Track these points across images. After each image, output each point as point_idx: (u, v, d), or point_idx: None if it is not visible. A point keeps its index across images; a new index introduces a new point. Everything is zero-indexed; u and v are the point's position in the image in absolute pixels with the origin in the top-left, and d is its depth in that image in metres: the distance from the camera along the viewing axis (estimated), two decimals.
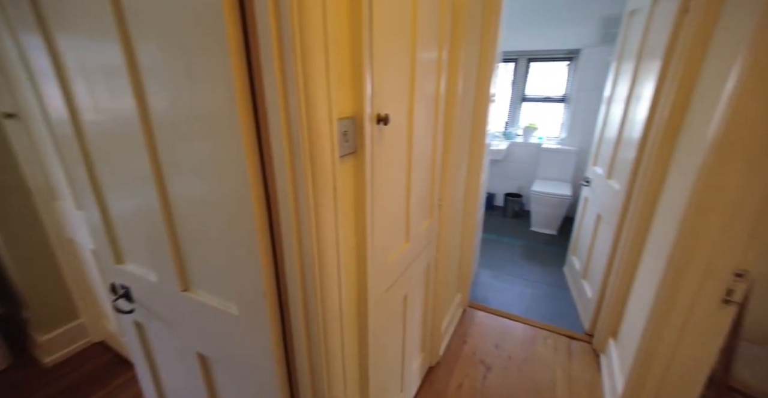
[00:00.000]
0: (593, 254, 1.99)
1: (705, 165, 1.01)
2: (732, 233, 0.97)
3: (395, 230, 1.00)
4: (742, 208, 0.95)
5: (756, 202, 0.93)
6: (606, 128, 2.08)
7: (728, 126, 0.94)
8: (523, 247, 2.95)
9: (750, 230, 0.95)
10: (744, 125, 0.92)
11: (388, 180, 0.89)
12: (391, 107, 0.84)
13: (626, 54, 1.93)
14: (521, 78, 3.54)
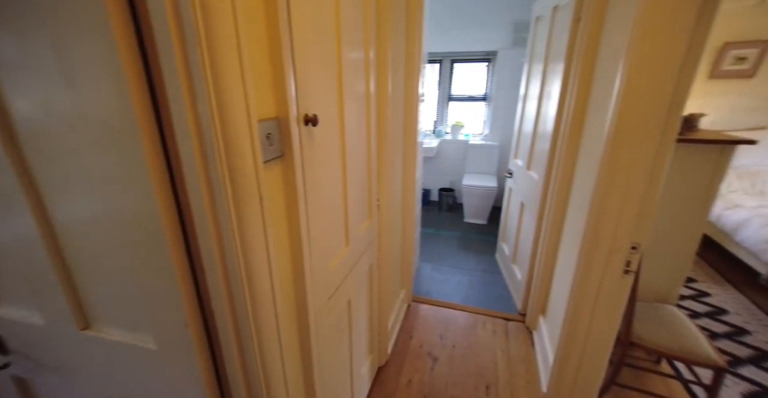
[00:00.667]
0: (520, 239, 2.17)
1: (603, 154, 1.15)
2: (626, 213, 1.12)
3: (334, 234, 0.96)
4: (632, 191, 1.09)
5: (641, 185, 1.08)
6: (523, 124, 2.28)
7: (618, 120, 1.08)
8: (458, 238, 3.11)
9: (638, 210, 1.10)
10: (629, 119, 1.05)
11: (322, 183, 0.85)
12: (320, 107, 0.80)
13: (536, 56, 2.13)
14: (446, 78, 3.72)
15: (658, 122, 1.02)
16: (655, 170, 1.06)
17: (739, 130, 3.06)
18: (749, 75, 3.00)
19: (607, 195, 1.13)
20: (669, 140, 1.04)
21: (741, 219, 2.44)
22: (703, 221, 1.62)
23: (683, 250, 1.68)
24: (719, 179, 1.56)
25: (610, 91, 1.15)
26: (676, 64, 0.97)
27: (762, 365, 1.76)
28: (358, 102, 1.07)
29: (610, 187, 1.12)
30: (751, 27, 2.90)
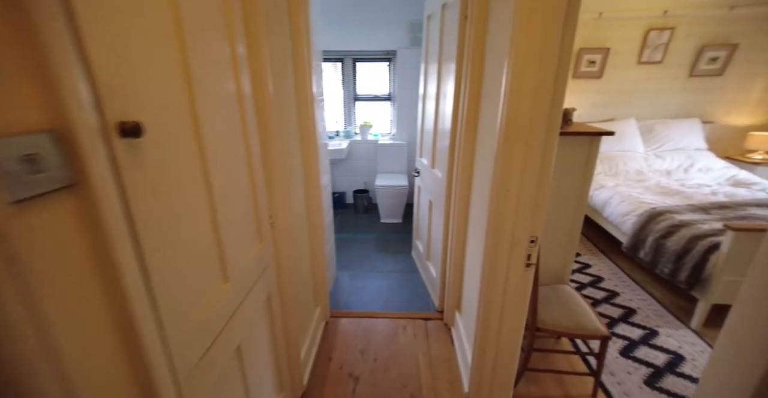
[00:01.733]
0: (432, 236, 2.19)
1: (497, 153, 1.16)
2: (522, 209, 1.15)
3: (202, 274, 0.75)
4: (526, 187, 1.12)
5: (534, 181, 1.12)
6: (425, 123, 2.30)
7: (507, 119, 1.09)
8: (376, 240, 3.05)
9: (533, 205, 1.14)
10: (518, 117, 1.07)
11: (171, 214, 0.64)
12: (154, 112, 0.59)
13: (430, 56, 2.15)
14: (350, 78, 3.62)
15: (543, 118, 1.06)
16: (544, 165, 1.10)
17: (596, 121, 3.62)
18: (598, 76, 3.57)
19: (504, 192, 1.15)
20: (553, 135, 1.08)
21: (605, 198, 2.88)
22: (584, 204, 1.82)
23: (571, 232, 1.87)
24: (593, 165, 1.76)
25: (498, 91, 1.16)
26: (553, 64, 1.01)
27: (628, 320, 2.07)
28: (227, 105, 0.87)
29: (506, 184, 1.13)
30: (596, 36, 3.45)
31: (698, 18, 3.34)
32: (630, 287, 2.40)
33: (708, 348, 1.86)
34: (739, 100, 3.62)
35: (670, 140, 3.46)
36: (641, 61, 3.51)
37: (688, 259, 2.02)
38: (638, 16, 3.33)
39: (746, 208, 2.36)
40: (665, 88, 3.61)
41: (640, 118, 3.66)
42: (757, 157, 3.47)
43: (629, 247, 2.48)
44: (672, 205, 2.49)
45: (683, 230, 2.14)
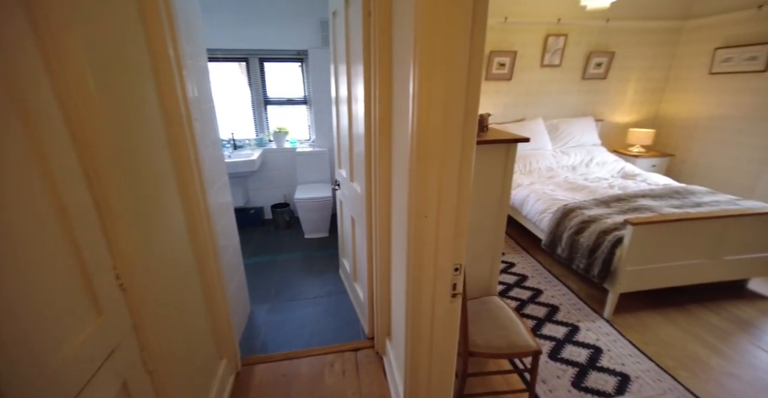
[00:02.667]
0: (357, 256, 2.00)
1: (411, 172, 1.00)
2: (443, 235, 1.01)
3: None
4: (445, 212, 0.98)
5: (452, 204, 0.98)
6: (340, 131, 2.09)
7: (420, 133, 0.94)
8: (300, 259, 2.77)
9: (454, 230, 1.01)
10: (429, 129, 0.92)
11: None
12: None
13: (339, 56, 1.94)
14: (258, 79, 3.25)
15: (458, 131, 0.92)
16: (462, 185, 0.97)
17: (509, 122, 3.80)
18: (508, 78, 3.74)
19: (422, 218, 0.99)
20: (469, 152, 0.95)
21: (523, 196, 3.00)
22: (505, 211, 1.79)
23: (495, 241, 1.83)
24: (511, 171, 1.73)
25: (407, 100, 1.00)
26: (463, 67, 0.87)
27: (553, 319, 2.14)
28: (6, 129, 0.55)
29: (424, 209, 0.98)
30: (504, 39, 3.60)
31: (584, 27, 3.68)
32: (551, 284, 2.50)
33: (619, 335, 1.98)
34: (619, 100, 4.10)
35: (572, 137, 3.77)
36: (543, 64, 3.76)
37: (598, 254, 2.14)
38: (538, 21, 3.55)
39: (637, 199, 2.62)
40: (564, 90, 3.93)
41: (547, 117, 3.93)
42: (635, 150, 3.97)
43: (548, 244, 2.59)
44: (581, 201, 2.66)
45: (593, 226, 2.27)
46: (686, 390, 1.64)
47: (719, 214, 2.02)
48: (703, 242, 2.09)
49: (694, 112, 3.84)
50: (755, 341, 1.99)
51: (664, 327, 2.08)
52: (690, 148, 3.90)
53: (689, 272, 2.14)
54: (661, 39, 3.88)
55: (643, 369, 1.76)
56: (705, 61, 3.65)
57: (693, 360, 1.84)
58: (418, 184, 0.96)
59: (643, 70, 4.00)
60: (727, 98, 3.51)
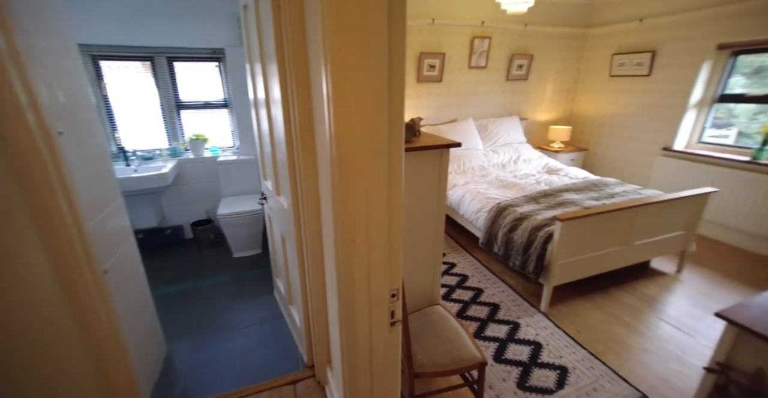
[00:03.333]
0: (291, 277, 1.81)
1: (333, 193, 0.87)
2: (377, 260, 0.90)
3: None
4: (375, 236, 0.87)
5: (383, 225, 0.87)
6: (261, 138, 1.88)
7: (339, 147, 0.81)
8: (228, 283, 2.48)
9: (387, 255, 0.90)
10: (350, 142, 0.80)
11: None
12: None
13: (253, 54, 1.73)
14: (167, 81, 2.84)
15: (383, 142, 0.81)
16: (393, 203, 0.87)
17: (441, 123, 3.85)
18: (438, 80, 3.78)
19: (350, 244, 0.87)
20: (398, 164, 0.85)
21: (459, 197, 3.04)
22: (443, 213, 1.73)
23: (435, 245, 1.77)
24: (445, 176, 1.69)
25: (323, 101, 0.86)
26: (383, 66, 0.76)
27: (495, 318, 2.17)
28: None
29: (351, 234, 0.85)
30: (433, 41, 3.63)
31: (506, 30, 3.87)
32: (491, 281, 2.56)
33: (555, 328, 2.07)
34: (539, 100, 4.41)
35: (500, 136, 3.95)
36: (471, 66, 3.88)
37: (532, 251, 2.22)
38: (463, 24, 3.64)
39: (562, 194, 2.80)
40: (491, 91, 4.11)
41: (477, 118, 4.07)
42: (556, 146, 4.31)
43: (485, 243, 2.64)
44: (512, 198, 2.76)
45: (525, 223, 2.36)
46: (614, 373, 1.75)
47: (630, 204, 2.21)
48: (618, 231, 2.28)
49: (600, 110, 4.26)
50: (659, 315, 2.21)
51: (592, 313, 2.23)
52: (599, 142, 4.33)
53: (608, 259, 2.32)
54: (571, 44, 4.24)
55: (578, 358, 1.84)
56: (606, 65, 4.07)
57: (616, 342, 1.98)
58: (343, 206, 0.84)
59: (557, 72, 4.34)
60: (624, 98, 3.95)
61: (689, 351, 1.92)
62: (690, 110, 3.37)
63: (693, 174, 3.27)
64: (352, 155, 0.81)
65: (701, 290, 2.47)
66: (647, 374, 1.77)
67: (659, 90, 3.57)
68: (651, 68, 3.61)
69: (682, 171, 3.36)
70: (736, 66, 3.15)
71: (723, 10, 2.99)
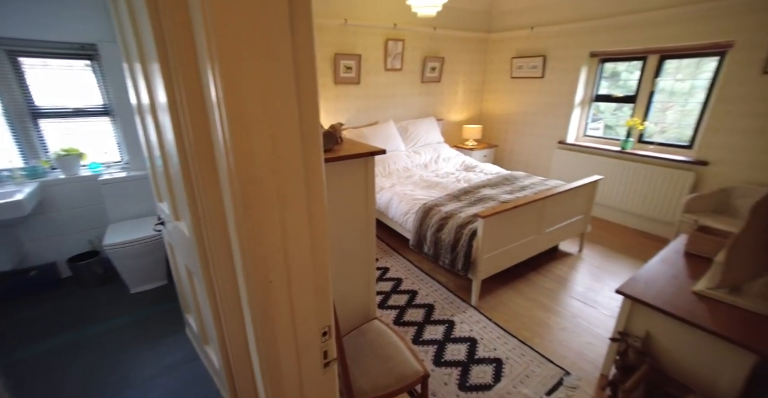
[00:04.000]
0: (202, 314, 1.55)
1: (237, 223, 0.71)
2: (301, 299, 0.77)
3: None
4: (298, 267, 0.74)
5: (306, 258, 0.75)
6: (151, 152, 1.57)
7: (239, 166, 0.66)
8: (128, 326, 2.06)
9: (314, 291, 0.78)
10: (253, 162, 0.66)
11: None
12: None
13: (131, 51, 1.43)
14: (11, 82, 2.25)
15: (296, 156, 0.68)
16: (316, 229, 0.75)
17: (363, 126, 3.80)
18: (356, 82, 3.72)
19: (266, 284, 0.72)
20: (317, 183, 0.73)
21: (387, 199, 3.02)
22: (372, 222, 1.65)
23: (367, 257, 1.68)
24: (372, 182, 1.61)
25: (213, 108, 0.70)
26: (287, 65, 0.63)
27: (431, 319, 2.19)
28: None
29: (266, 274, 0.71)
30: (348, 42, 3.54)
31: (418, 33, 3.97)
32: (424, 282, 2.58)
33: (487, 321, 2.16)
34: (452, 101, 4.65)
35: (420, 137, 4.05)
36: (387, 68, 3.89)
37: (459, 248, 2.28)
38: (377, 25, 3.62)
39: (480, 190, 2.95)
40: (408, 93, 4.18)
41: (397, 119, 4.11)
42: (470, 144, 4.59)
43: (415, 244, 2.66)
44: (437, 197, 2.82)
45: (450, 222, 2.42)
46: (542, 356, 1.88)
47: (539, 196, 2.41)
48: (532, 221, 2.48)
49: (505, 109, 4.66)
50: (570, 293, 2.48)
51: (516, 300, 2.39)
52: (506, 139, 4.73)
53: (525, 248, 2.52)
54: (476, 47, 4.55)
55: (510, 348, 1.94)
56: (507, 68, 4.46)
57: (540, 325, 2.15)
58: (251, 242, 0.69)
59: (466, 74, 4.62)
60: (524, 98, 4.38)
61: (595, 322, 2.17)
62: (576, 108, 3.87)
63: (582, 164, 3.76)
64: (258, 176, 0.67)
65: (598, 265, 2.84)
66: (567, 351, 1.94)
67: (552, 90, 4.03)
68: (544, 71, 4.05)
69: (575, 161, 3.85)
70: (603, 71, 3.70)
71: (592, 24, 3.48)
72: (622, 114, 3.64)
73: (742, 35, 2.67)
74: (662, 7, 3.00)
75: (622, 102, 3.57)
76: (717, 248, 1.78)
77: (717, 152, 2.92)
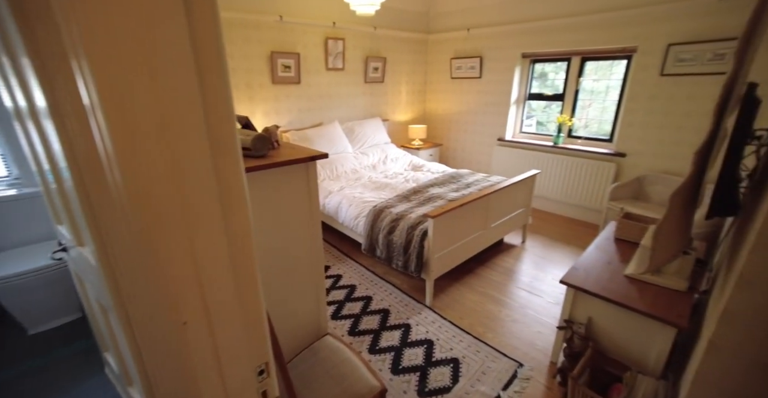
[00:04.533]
0: (122, 352, 1.33)
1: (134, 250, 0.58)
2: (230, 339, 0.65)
3: None
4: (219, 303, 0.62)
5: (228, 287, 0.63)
6: (39, 165, 1.30)
7: (124, 179, 0.53)
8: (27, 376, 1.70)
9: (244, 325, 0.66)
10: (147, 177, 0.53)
11: None
12: None
13: None
14: None
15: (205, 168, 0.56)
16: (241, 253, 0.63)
17: (307, 127, 3.64)
18: (296, 81, 3.54)
19: (180, 327, 0.59)
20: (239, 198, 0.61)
21: (336, 203, 2.91)
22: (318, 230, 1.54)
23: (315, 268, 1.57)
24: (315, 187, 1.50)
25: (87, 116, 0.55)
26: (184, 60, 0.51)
27: (387, 325, 2.13)
28: None
29: (179, 314, 0.58)
30: (285, 40, 3.35)
31: (358, 32, 3.89)
32: (378, 286, 2.52)
33: (442, 320, 2.16)
34: (397, 101, 4.66)
35: (367, 137, 3.99)
36: (329, 67, 3.76)
37: (411, 250, 2.25)
38: (315, 23, 3.47)
39: (428, 189, 2.97)
40: (352, 93, 4.09)
41: (342, 120, 4.00)
42: (416, 143, 4.64)
43: (367, 248, 2.58)
44: (387, 199, 2.78)
45: (401, 223, 2.38)
46: (496, 351, 1.92)
47: (484, 193, 2.47)
48: (478, 217, 2.54)
49: (447, 108, 4.78)
50: (517, 284, 2.58)
51: (468, 295, 2.43)
52: (449, 137, 4.86)
53: (474, 244, 2.57)
54: (416, 48, 4.59)
55: (465, 345, 1.95)
56: (447, 68, 4.56)
57: (492, 319, 2.20)
58: (153, 276, 0.56)
59: (409, 74, 4.65)
60: (464, 97, 4.52)
61: (542, 311, 2.27)
62: (512, 106, 4.08)
63: (520, 159, 3.97)
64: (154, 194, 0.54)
65: (541, 254, 3.01)
66: (519, 343, 2.00)
67: (489, 90, 4.20)
68: (481, 71, 4.20)
69: (513, 157, 4.05)
70: (534, 71, 3.94)
71: (522, 26, 3.68)
72: (551, 111, 3.91)
73: (643, 42, 2.99)
74: (581, 14, 3.26)
75: (552, 100, 3.83)
76: (641, 233, 1.95)
77: (632, 144, 3.24)
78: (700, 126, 2.85)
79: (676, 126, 2.96)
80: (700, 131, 2.84)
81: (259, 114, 3.35)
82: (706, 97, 2.79)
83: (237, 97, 3.15)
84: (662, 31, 2.87)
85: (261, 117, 3.37)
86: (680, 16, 2.77)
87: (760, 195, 1.06)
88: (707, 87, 2.77)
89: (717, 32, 2.64)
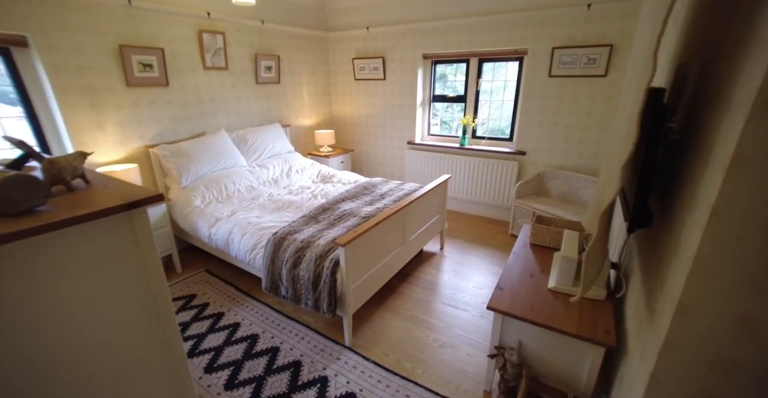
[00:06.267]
0: None
1: None
2: None
3: None
4: None
5: None
6: None
7: None
8: None
9: None
10: None
11: None
12: None
13: None
14: None
15: None
16: None
17: (183, 139, 2.97)
18: (163, 83, 2.85)
19: None
20: None
21: (226, 233, 2.37)
22: (166, 297, 1.09)
23: (168, 351, 1.10)
24: (150, 242, 1.03)
25: None
26: None
27: (299, 381, 1.74)
28: None
29: None
30: (142, 32, 2.64)
31: (242, 26, 3.33)
32: (287, 330, 2.09)
33: (365, 362, 1.85)
34: (298, 104, 4.20)
35: (265, 147, 3.46)
36: (207, 66, 3.13)
37: (322, 285, 1.88)
38: (181, 13, 2.82)
39: (339, 205, 2.63)
40: (242, 96, 3.51)
41: (232, 128, 3.40)
42: (325, 150, 4.26)
43: (269, 287, 2.13)
44: (290, 222, 2.35)
45: (308, 253, 1.99)
46: (427, 390, 1.68)
47: (399, 206, 2.22)
48: (396, 232, 2.29)
49: (354, 111, 4.49)
50: (442, 299, 2.41)
51: (393, 323, 2.17)
52: (360, 142, 4.59)
53: (394, 262, 2.32)
54: (315, 47, 4.19)
55: (392, 392, 1.67)
56: (350, 69, 4.27)
57: (420, 349, 1.97)
58: None
59: (309, 75, 4.22)
60: (370, 99, 4.29)
61: (469, 328, 2.12)
62: (418, 108, 3.97)
63: (431, 162, 3.90)
64: None
65: (459, 260, 2.92)
66: (450, 373, 1.80)
67: (395, 92, 4.03)
68: (385, 73, 4.01)
69: (424, 160, 3.96)
70: (436, 73, 3.90)
71: (421, 26, 3.57)
72: (452, 111, 3.92)
73: (532, 44, 3.11)
74: (476, 15, 3.26)
75: (455, 102, 3.83)
76: (555, 237, 1.91)
77: (529, 142, 3.37)
78: (586, 123, 3.06)
79: (566, 124, 3.15)
80: (587, 127, 3.06)
81: (111, 126, 2.59)
82: (586, 97, 3.00)
83: (70, 104, 2.36)
84: (548, 34, 3.01)
85: (114, 130, 2.61)
86: (561, 21, 2.92)
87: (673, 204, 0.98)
88: (585, 88, 2.98)
89: (589, 39, 2.84)
